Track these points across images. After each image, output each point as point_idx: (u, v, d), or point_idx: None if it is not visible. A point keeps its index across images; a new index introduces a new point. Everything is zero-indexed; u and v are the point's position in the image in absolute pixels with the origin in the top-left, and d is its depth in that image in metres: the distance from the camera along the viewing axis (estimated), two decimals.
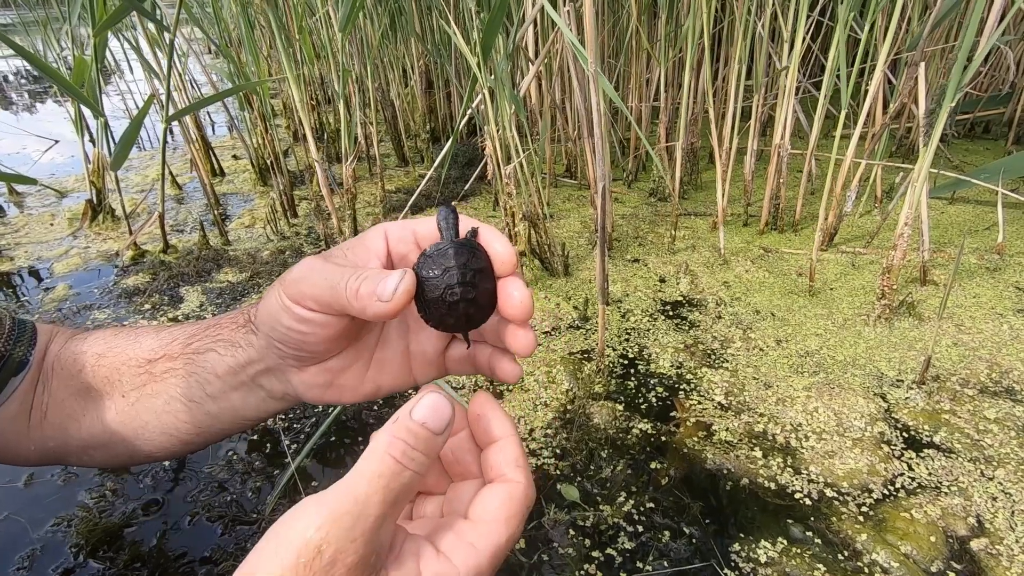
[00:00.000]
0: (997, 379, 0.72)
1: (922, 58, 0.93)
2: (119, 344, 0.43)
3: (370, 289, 0.29)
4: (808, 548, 0.52)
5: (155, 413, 0.41)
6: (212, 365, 0.39)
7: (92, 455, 0.44)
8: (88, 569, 0.53)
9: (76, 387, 0.42)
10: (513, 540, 0.27)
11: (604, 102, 0.62)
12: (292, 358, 0.36)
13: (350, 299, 0.29)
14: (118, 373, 0.42)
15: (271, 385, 0.38)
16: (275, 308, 0.34)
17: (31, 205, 1.42)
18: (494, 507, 0.27)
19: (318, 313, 0.32)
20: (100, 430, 0.42)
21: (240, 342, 0.38)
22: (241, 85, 1.13)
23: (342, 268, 0.31)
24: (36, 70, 0.99)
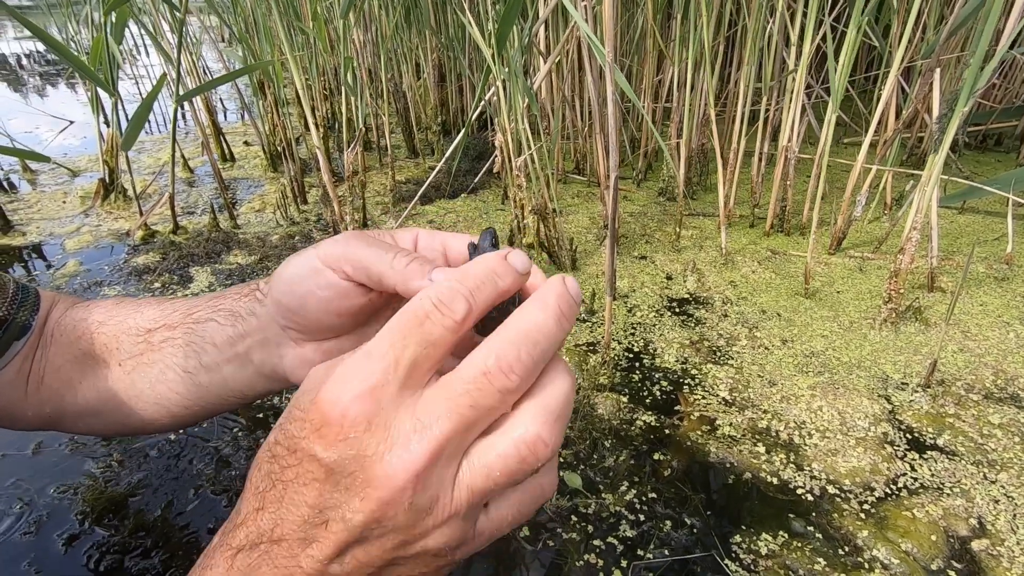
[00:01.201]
0: (1002, 385, 0.72)
1: (937, 64, 0.93)
2: (121, 313, 0.43)
3: (420, 270, 0.29)
4: (809, 542, 0.52)
5: (149, 382, 0.41)
6: (211, 334, 0.39)
7: (87, 422, 0.44)
8: (93, 536, 0.54)
9: (74, 354, 0.43)
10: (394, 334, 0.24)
11: (617, 91, 0.63)
12: (295, 329, 0.36)
13: (396, 267, 0.29)
14: (117, 341, 0.42)
15: (262, 358, 0.38)
16: (302, 269, 0.33)
17: (44, 183, 1.43)
18: None
19: (344, 280, 0.32)
20: (95, 397, 0.42)
21: (242, 311, 0.38)
22: (251, 65, 1.14)
23: (388, 245, 0.31)
24: (51, 51, 0.99)
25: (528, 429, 0.23)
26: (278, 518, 0.24)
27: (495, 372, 0.23)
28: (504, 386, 0.23)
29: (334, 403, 0.23)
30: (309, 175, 1.45)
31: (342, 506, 0.23)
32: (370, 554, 0.24)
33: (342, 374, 0.23)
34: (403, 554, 0.24)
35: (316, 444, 0.23)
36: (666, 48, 1.30)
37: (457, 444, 0.23)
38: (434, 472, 0.23)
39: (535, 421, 0.23)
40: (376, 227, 1.19)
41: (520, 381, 0.23)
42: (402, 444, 0.22)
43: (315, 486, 0.23)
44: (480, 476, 0.23)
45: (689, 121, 1.15)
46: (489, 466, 0.23)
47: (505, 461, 0.23)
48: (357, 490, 0.23)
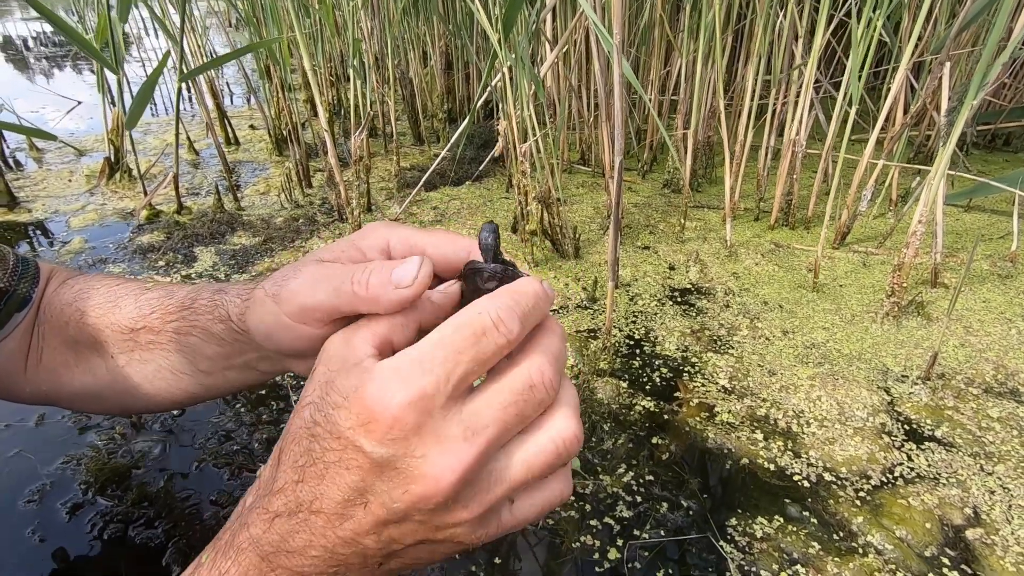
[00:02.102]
0: (1003, 380, 0.72)
1: (947, 59, 0.92)
2: (100, 305, 0.42)
3: (381, 280, 0.28)
4: (804, 527, 0.53)
5: (146, 378, 0.41)
6: (199, 348, 0.39)
7: (85, 403, 0.45)
8: (96, 506, 0.54)
9: (64, 338, 0.43)
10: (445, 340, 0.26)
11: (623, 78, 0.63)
12: (292, 355, 0.35)
13: (358, 292, 0.28)
14: (103, 335, 0.42)
15: (268, 368, 0.38)
16: (272, 325, 0.32)
17: (50, 162, 1.43)
18: None
19: (320, 328, 0.31)
20: (92, 383, 0.42)
21: (224, 336, 0.37)
22: (257, 43, 1.14)
23: (342, 267, 0.30)
24: (58, 31, 0.99)
25: (566, 426, 0.26)
26: (318, 492, 0.26)
27: (539, 387, 0.26)
28: (544, 399, 0.26)
29: (385, 406, 0.24)
30: (314, 159, 1.45)
31: (384, 494, 0.25)
32: (404, 534, 0.26)
33: (392, 375, 0.24)
34: (433, 536, 0.26)
35: (362, 438, 0.24)
36: (674, 39, 1.29)
37: (498, 446, 0.26)
38: (476, 474, 0.25)
39: (569, 420, 0.27)
40: (380, 212, 1.19)
41: (554, 395, 0.26)
42: (451, 451, 0.24)
43: (359, 472, 0.25)
44: (520, 470, 0.26)
45: (696, 114, 1.15)
46: (528, 461, 0.26)
47: (544, 456, 0.26)
48: (401, 483, 0.24)
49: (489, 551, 0.50)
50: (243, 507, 0.28)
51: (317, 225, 1.12)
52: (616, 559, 0.50)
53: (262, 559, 0.26)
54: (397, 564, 0.28)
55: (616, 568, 0.49)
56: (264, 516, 0.26)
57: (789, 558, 0.50)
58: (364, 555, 0.26)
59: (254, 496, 0.28)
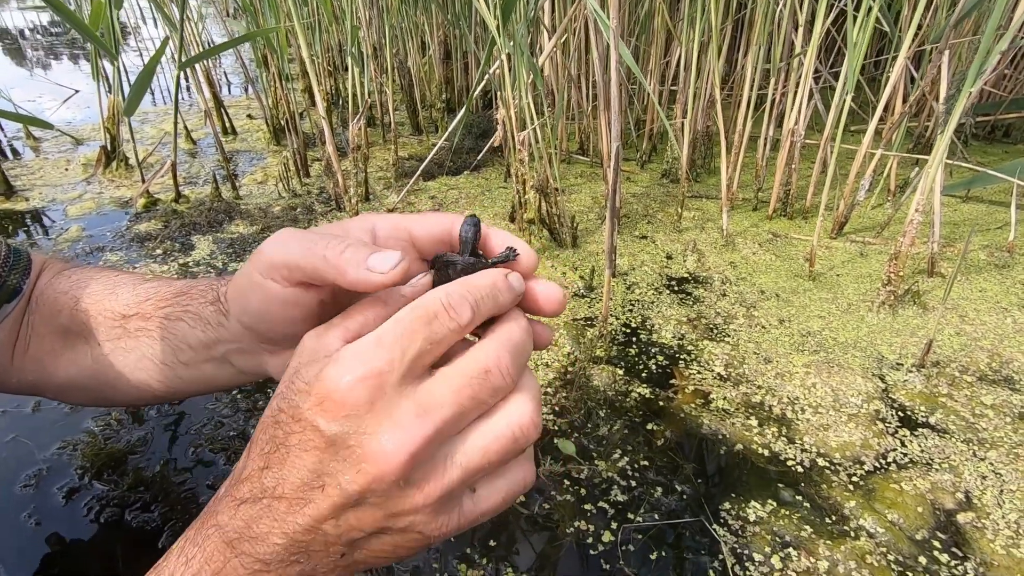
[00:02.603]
0: (997, 368, 0.72)
1: (946, 47, 0.92)
2: (97, 292, 0.42)
3: (359, 256, 0.27)
4: (797, 511, 0.53)
5: (128, 367, 0.41)
6: (184, 335, 0.39)
7: (69, 393, 0.45)
8: (92, 490, 0.54)
9: (55, 327, 0.43)
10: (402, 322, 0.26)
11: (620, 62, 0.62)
12: (267, 343, 0.36)
13: (328, 258, 0.28)
14: (95, 322, 0.42)
15: (242, 364, 0.38)
16: (244, 287, 0.32)
17: (47, 150, 1.43)
18: None
19: (287, 287, 0.30)
20: (76, 373, 0.42)
21: (210, 319, 0.38)
22: (255, 32, 1.13)
23: (324, 234, 0.30)
24: (54, 12, 0.99)
25: (523, 412, 0.26)
26: (280, 478, 0.26)
27: (495, 372, 0.26)
28: (500, 386, 0.26)
29: (338, 381, 0.24)
30: (312, 149, 1.45)
31: (338, 474, 0.25)
32: (362, 520, 0.26)
33: (350, 355, 0.25)
34: (392, 525, 0.26)
35: (319, 416, 0.25)
36: (674, 29, 1.29)
37: (452, 429, 0.25)
38: (428, 453, 0.25)
39: (527, 406, 0.27)
40: (379, 201, 1.19)
41: (512, 383, 0.27)
42: (402, 427, 0.24)
43: (315, 453, 0.25)
44: (477, 456, 0.26)
45: (694, 103, 1.15)
46: (486, 447, 0.26)
47: (501, 441, 0.26)
48: (354, 462, 0.25)
49: (483, 535, 0.51)
50: (215, 498, 0.28)
51: (315, 214, 1.12)
52: (610, 542, 0.50)
53: (226, 545, 0.26)
54: (361, 556, 0.27)
55: (610, 551, 0.50)
56: (231, 503, 0.27)
57: (781, 541, 0.50)
58: (325, 543, 0.26)
59: (225, 486, 0.28)
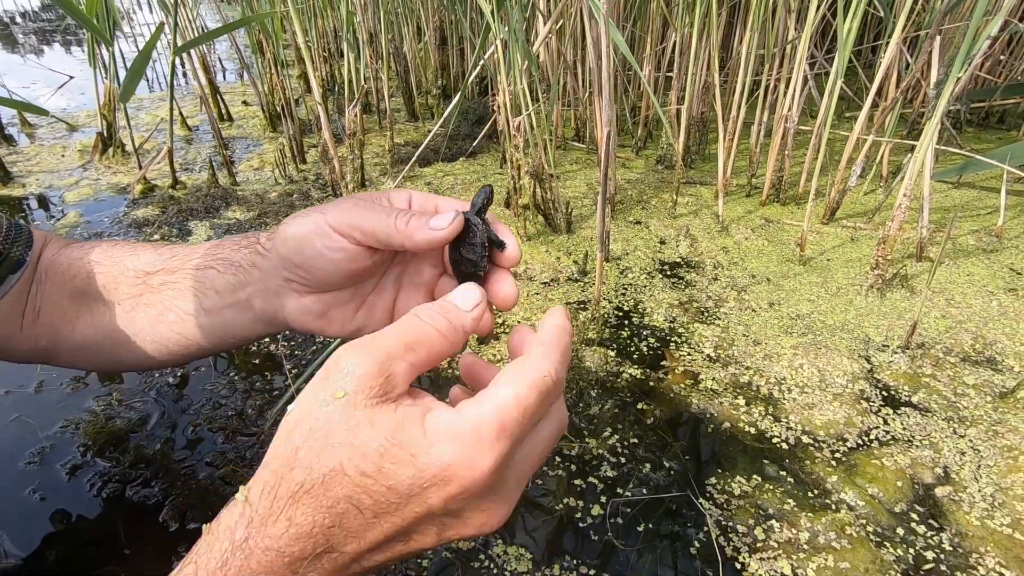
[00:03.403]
0: (980, 350, 0.74)
1: (937, 33, 0.92)
2: (117, 255, 0.44)
3: (420, 223, 0.34)
4: (780, 485, 0.55)
5: (149, 322, 0.43)
6: (211, 281, 0.41)
7: (83, 357, 0.46)
8: (95, 467, 0.56)
9: (71, 291, 0.44)
10: (523, 405, 0.26)
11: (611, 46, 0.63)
12: (300, 282, 0.38)
13: (399, 227, 0.34)
14: (115, 282, 0.43)
15: (263, 306, 0.40)
16: (311, 233, 0.36)
17: (42, 137, 1.43)
18: (506, 372, 0.28)
19: (354, 244, 0.36)
20: (93, 333, 0.44)
21: (242, 262, 0.40)
22: (250, 17, 1.13)
23: (383, 206, 0.36)
24: (52, 1, 0.99)
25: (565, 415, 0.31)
26: (356, 535, 0.27)
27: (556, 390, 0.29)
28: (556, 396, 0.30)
29: (475, 470, 0.26)
30: (308, 135, 1.45)
31: (433, 534, 0.28)
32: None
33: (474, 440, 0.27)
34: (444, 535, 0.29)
35: (433, 496, 0.27)
36: (669, 14, 1.29)
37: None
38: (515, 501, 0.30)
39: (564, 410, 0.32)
40: (375, 187, 1.20)
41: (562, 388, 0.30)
42: (508, 502, 0.29)
43: (415, 521, 0.28)
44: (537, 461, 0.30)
45: (690, 88, 1.15)
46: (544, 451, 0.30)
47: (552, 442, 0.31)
48: (458, 528, 0.29)
49: None
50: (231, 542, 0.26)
51: (311, 200, 1.13)
52: (599, 515, 0.52)
53: None
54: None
55: (599, 524, 0.51)
56: (279, 560, 0.26)
57: (765, 514, 0.52)
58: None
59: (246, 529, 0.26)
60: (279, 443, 0.27)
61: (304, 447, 0.26)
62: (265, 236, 0.40)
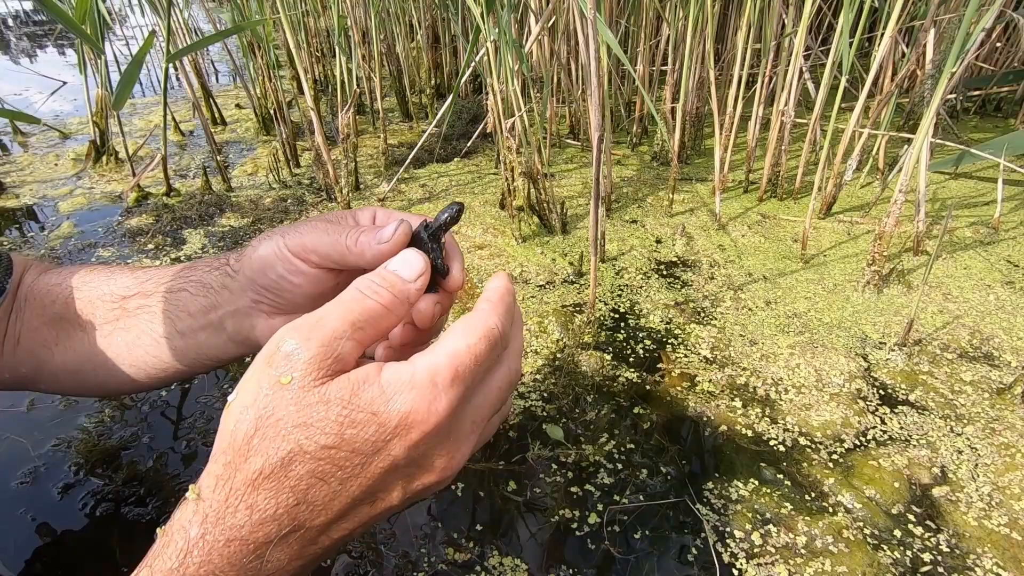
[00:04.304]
0: (977, 345, 0.74)
1: (932, 24, 0.92)
2: (94, 280, 0.45)
3: (368, 238, 0.34)
4: (778, 489, 0.55)
5: (127, 346, 0.43)
6: (184, 303, 0.42)
7: (64, 382, 0.46)
8: (87, 485, 0.55)
9: (50, 316, 0.44)
10: (473, 352, 0.28)
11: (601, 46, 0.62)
12: (267, 303, 0.39)
13: (350, 247, 0.35)
14: (92, 306, 0.44)
15: (235, 327, 0.41)
16: (271, 256, 0.37)
17: (35, 145, 1.42)
18: (456, 325, 0.29)
19: (313, 268, 0.37)
20: (72, 359, 0.44)
21: (213, 284, 0.41)
22: (241, 24, 1.13)
23: (341, 226, 0.36)
24: (39, 7, 0.98)
25: (517, 367, 0.32)
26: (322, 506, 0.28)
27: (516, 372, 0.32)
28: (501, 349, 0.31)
29: (429, 413, 0.27)
30: (301, 138, 1.44)
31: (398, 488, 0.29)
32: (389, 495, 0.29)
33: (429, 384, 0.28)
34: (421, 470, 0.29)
35: (397, 444, 0.28)
36: (662, 8, 1.28)
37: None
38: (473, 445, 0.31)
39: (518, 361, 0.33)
40: (369, 190, 1.19)
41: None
42: (465, 445, 0.30)
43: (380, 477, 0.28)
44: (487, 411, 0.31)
45: (684, 84, 1.14)
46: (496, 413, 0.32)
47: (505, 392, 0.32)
48: (419, 476, 0.29)
49: (470, 519, 0.52)
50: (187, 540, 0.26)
51: (306, 205, 1.13)
52: (596, 523, 0.52)
53: None
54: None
55: (596, 532, 0.51)
56: (243, 549, 0.26)
57: (762, 518, 0.52)
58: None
59: (201, 526, 0.26)
60: (225, 435, 0.26)
61: (257, 435, 0.26)
62: (234, 257, 0.41)
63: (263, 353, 0.27)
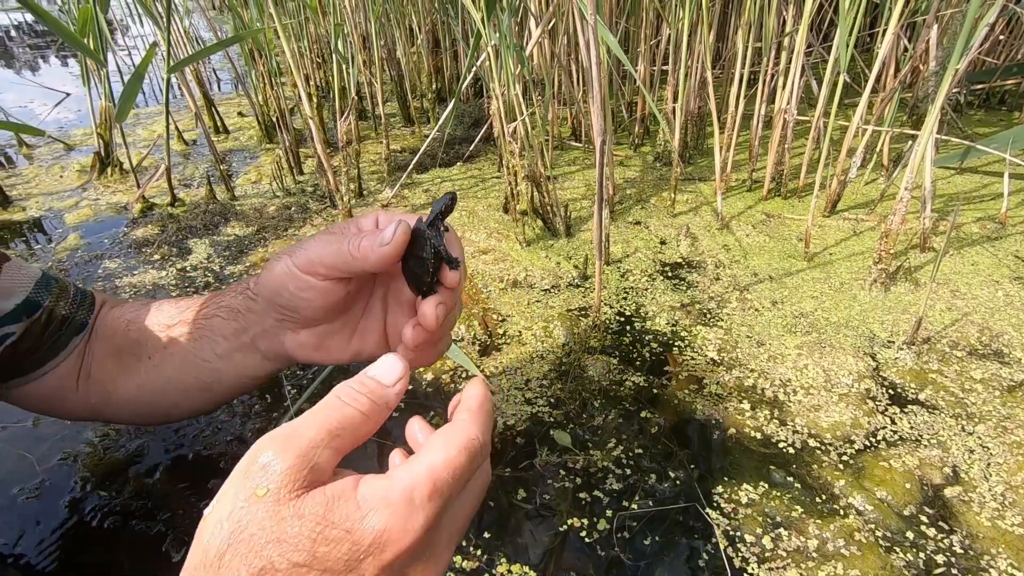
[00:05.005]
0: (987, 342, 0.73)
1: (935, 20, 0.91)
2: (144, 311, 0.49)
3: (370, 242, 0.35)
4: (788, 492, 0.54)
5: (175, 371, 0.47)
6: (219, 328, 0.45)
7: (124, 412, 0.51)
8: (94, 500, 0.55)
9: (111, 349, 0.49)
10: (453, 465, 0.27)
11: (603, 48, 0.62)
12: (290, 321, 0.42)
13: (353, 253, 0.36)
14: (144, 336, 0.48)
15: (266, 346, 0.44)
16: (283, 276, 0.39)
17: (41, 157, 1.43)
18: (435, 437, 0.28)
19: (322, 280, 0.38)
20: (131, 388, 0.48)
21: (239, 307, 0.44)
22: (240, 34, 1.13)
23: (344, 235, 0.37)
24: (40, 22, 0.99)
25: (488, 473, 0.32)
26: None
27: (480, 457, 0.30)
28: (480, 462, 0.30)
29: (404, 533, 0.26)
30: (304, 145, 1.45)
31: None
32: None
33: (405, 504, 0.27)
34: None
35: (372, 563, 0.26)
36: (662, 9, 1.27)
37: None
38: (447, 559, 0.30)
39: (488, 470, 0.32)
40: (373, 196, 1.20)
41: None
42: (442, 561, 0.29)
43: None
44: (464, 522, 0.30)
45: (685, 84, 1.14)
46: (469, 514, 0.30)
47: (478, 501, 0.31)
48: None
49: (478, 526, 0.52)
50: None
51: (309, 212, 1.13)
52: (605, 530, 0.51)
53: None
54: None
55: (606, 538, 0.51)
56: None
57: (773, 522, 0.52)
58: None
59: None
60: (198, 551, 0.25)
61: (229, 551, 0.24)
62: (254, 282, 0.43)
63: (240, 464, 0.26)
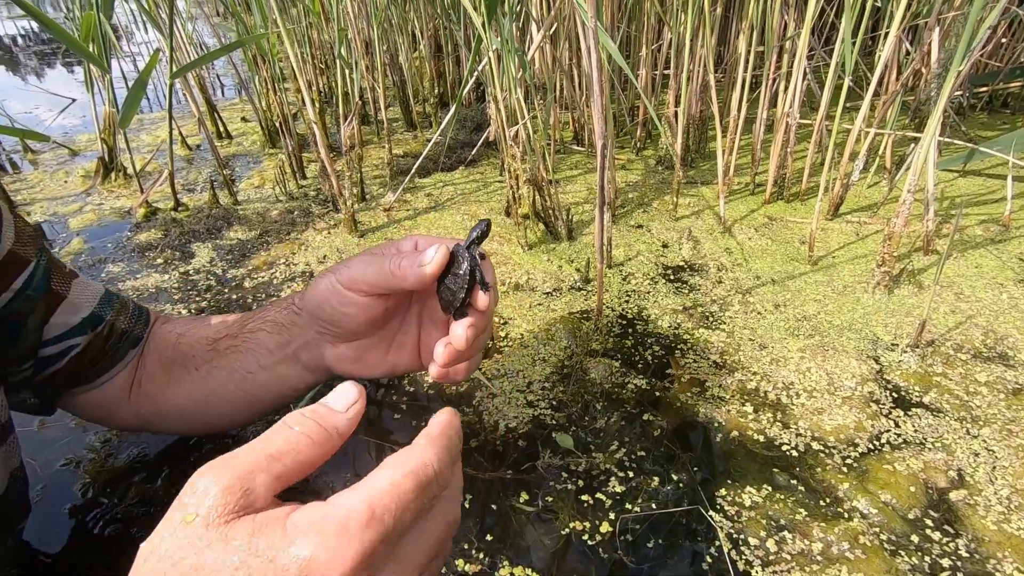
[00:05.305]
0: (992, 345, 0.73)
1: (936, 23, 0.91)
2: (193, 325, 0.52)
3: (410, 262, 0.39)
4: (792, 494, 0.54)
5: (220, 383, 0.49)
6: (263, 341, 0.48)
7: (175, 422, 0.53)
8: (96, 506, 0.55)
9: (162, 361, 0.51)
10: (398, 491, 0.25)
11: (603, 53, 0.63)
12: (330, 335, 0.45)
13: (394, 272, 0.39)
14: (192, 349, 0.51)
15: (308, 357, 0.47)
16: (326, 291, 0.42)
17: (45, 162, 1.44)
18: (386, 460, 0.27)
19: (364, 297, 0.41)
20: (180, 398, 0.50)
21: (284, 322, 0.47)
22: (243, 39, 1.14)
23: (385, 255, 0.40)
24: (44, 29, 0.99)
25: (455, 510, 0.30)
26: None
27: (455, 522, 0.30)
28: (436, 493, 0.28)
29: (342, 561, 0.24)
30: (307, 150, 1.45)
31: None
32: None
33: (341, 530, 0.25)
34: None
35: None
36: (664, 13, 1.28)
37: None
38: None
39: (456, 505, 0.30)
40: (375, 201, 1.20)
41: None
42: None
43: None
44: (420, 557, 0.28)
45: (686, 88, 1.14)
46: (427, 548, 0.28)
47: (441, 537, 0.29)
48: None
49: (480, 530, 0.52)
50: None
51: (312, 216, 1.13)
52: (608, 533, 0.51)
53: None
54: None
55: (608, 541, 0.51)
56: None
57: (776, 525, 0.51)
58: None
59: None
60: None
61: None
62: (298, 297, 0.47)
63: (180, 494, 0.25)
